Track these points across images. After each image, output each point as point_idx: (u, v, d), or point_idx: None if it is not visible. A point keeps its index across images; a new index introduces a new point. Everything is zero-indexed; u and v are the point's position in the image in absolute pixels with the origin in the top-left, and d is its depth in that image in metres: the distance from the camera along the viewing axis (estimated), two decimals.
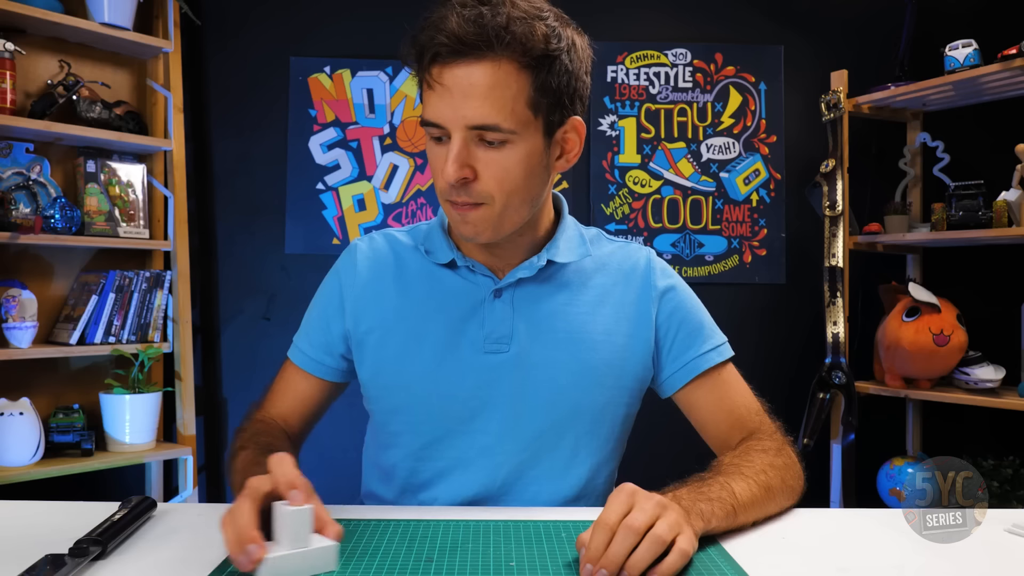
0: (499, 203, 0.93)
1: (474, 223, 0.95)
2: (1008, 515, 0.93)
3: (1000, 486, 2.18)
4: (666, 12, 2.73)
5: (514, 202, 0.94)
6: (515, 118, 0.90)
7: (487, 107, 0.88)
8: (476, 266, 1.02)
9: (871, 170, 2.63)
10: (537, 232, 1.03)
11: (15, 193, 2.20)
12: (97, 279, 2.31)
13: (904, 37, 2.42)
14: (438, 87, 0.89)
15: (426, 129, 0.94)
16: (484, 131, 0.90)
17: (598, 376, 1.02)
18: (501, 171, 0.92)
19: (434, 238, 1.06)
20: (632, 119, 2.70)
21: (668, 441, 1.86)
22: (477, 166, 0.92)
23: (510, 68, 0.88)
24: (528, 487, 1.02)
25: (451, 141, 0.91)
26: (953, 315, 2.25)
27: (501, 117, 0.89)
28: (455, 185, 0.92)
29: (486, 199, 0.93)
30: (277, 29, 2.66)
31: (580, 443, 1.03)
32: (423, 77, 0.92)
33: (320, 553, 0.72)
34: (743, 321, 2.65)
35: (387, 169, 2.67)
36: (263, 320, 2.65)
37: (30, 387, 2.25)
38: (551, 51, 0.90)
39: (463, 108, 0.88)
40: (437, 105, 0.90)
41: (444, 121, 0.90)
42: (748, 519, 0.87)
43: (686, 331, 1.05)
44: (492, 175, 0.92)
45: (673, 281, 1.08)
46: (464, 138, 0.90)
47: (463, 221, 0.95)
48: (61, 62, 2.31)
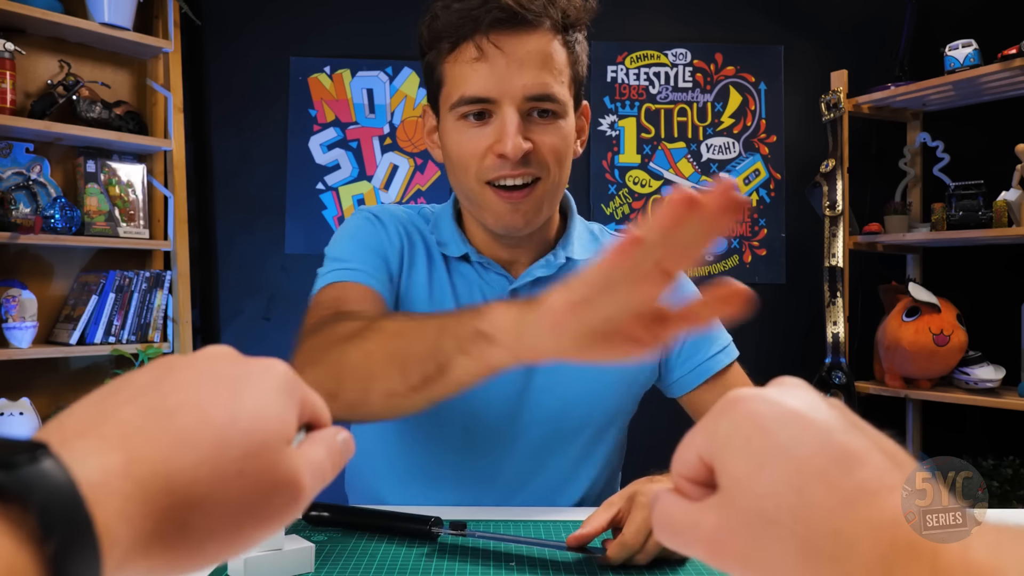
0: (553, 177, 0.90)
1: (525, 210, 0.90)
2: (1008, 515, 0.93)
3: (1000, 486, 2.18)
4: (666, 12, 2.73)
5: (563, 179, 0.92)
6: (565, 91, 0.89)
7: (545, 75, 0.86)
8: (490, 264, 0.98)
9: (871, 170, 2.62)
10: (549, 229, 1.01)
11: (15, 193, 2.20)
12: (97, 279, 2.31)
13: (904, 37, 2.42)
14: (493, 55, 0.85)
15: (460, 109, 0.88)
16: (540, 101, 0.87)
17: (611, 383, 1.01)
18: (557, 140, 0.89)
19: (445, 229, 1.00)
20: (632, 119, 2.70)
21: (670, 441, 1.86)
22: (533, 138, 0.88)
23: (558, 39, 0.88)
24: (533, 492, 1.01)
25: (501, 115, 0.86)
26: (953, 315, 2.25)
27: (557, 87, 0.87)
28: (516, 160, 0.86)
29: (543, 172, 0.89)
30: (277, 29, 2.66)
31: (593, 446, 1.02)
32: (463, 49, 0.87)
33: (296, 554, 0.71)
34: (743, 321, 2.64)
35: (387, 169, 2.67)
36: (263, 320, 2.65)
37: (30, 387, 2.24)
38: (585, 24, 0.91)
39: (521, 77, 0.85)
40: (488, 77, 0.86)
41: (497, 93, 0.86)
42: None
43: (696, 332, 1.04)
44: (549, 146, 0.89)
45: (682, 280, 1.07)
46: (519, 110, 0.86)
47: (514, 210, 0.90)
48: (61, 62, 2.31)
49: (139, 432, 0.28)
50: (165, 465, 0.28)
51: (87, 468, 0.25)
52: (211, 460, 0.28)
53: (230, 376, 0.32)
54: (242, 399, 0.31)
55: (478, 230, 0.99)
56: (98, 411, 0.29)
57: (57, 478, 0.24)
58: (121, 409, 0.29)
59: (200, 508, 0.28)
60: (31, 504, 0.23)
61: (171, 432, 0.28)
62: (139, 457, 0.27)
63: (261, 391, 0.32)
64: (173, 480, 0.27)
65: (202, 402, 0.30)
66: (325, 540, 0.81)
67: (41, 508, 0.23)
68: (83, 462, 0.25)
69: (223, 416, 0.30)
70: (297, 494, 0.31)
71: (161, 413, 0.29)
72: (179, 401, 0.30)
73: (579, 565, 0.76)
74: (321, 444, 0.34)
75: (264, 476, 0.30)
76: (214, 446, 0.29)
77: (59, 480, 0.24)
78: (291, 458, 0.31)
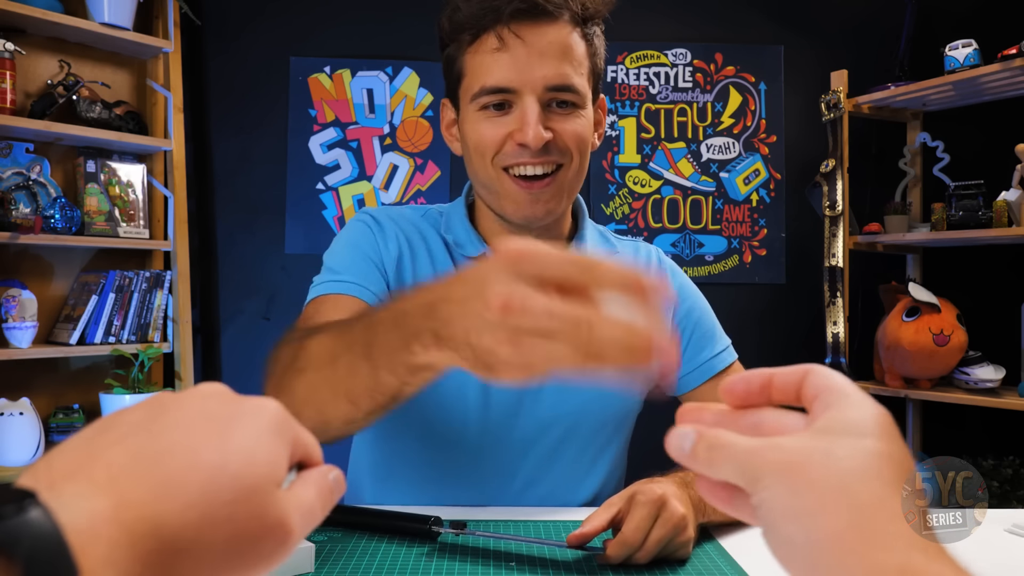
0: (575, 163, 0.92)
1: (546, 199, 0.92)
2: (1008, 515, 0.93)
3: (1000, 486, 2.18)
4: (666, 12, 2.73)
5: (583, 168, 0.94)
6: (584, 82, 0.91)
7: (565, 66, 0.88)
8: None
9: (871, 170, 2.62)
10: (562, 228, 1.03)
11: (15, 193, 2.20)
12: (97, 279, 2.30)
13: (904, 37, 2.42)
14: (514, 46, 0.87)
15: (481, 100, 0.90)
16: (560, 92, 0.89)
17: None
18: (577, 128, 0.91)
19: (458, 229, 1.00)
20: (632, 119, 2.70)
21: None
22: (554, 127, 0.90)
23: (577, 32, 0.90)
24: (544, 492, 1.01)
25: (521, 104, 0.88)
26: (953, 315, 2.25)
27: (577, 78, 0.89)
28: (538, 149, 0.88)
29: (564, 159, 0.91)
30: (277, 29, 2.66)
31: (604, 446, 1.03)
32: (484, 39, 0.89)
33: (296, 554, 0.71)
34: (743, 321, 2.65)
35: (387, 169, 2.67)
36: (263, 320, 2.65)
37: (30, 387, 2.24)
38: (599, 22, 0.93)
39: (542, 68, 0.87)
40: (509, 67, 0.87)
41: (518, 83, 0.88)
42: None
43: (700, 332, 1.06)
44: (570, 133, 0.91)
45: (683, 280, 1.09)
46: (540, 100, 0.88)
47: (534, 200, 0.92)
48: (61, 62, 2.31)
49: (127, 474, 0.28)
50: (153, 509, 0.27)
51: (74, 514, 0.25)
52: (200, 505, 0.28)
53: (221, 416, 0.32)
54: (232, 441, 0.31)
55: (494, 226, 1.00)
56: (88, 451, 0.29)
57: (44, 527, 0.24)
58: (110, 449, 0.29)
59: (187, 553, 0.28)
60: (17, 555, 0.23)
61: (159, 475, 0.28)
62: (127, 501, 0.27)
63: (252, 433, 0.32)
64: (161, 525, 0.27)
65: (192, 444, 0.30)
66: (325, 540, 0.81)
67: (27, 559, 0.23)
68: (70, 507, 0.26)
69: (213, 459, 0.30)
70: (286, 538, 0.31)
71: (150, 455, 0.29)
72: (169, 442, 0.29)
73: (579, 564, 0.76)
74: (312, 485, 0.34)
75: (253, 521, 0.30)
76: (203, 490, 0.29)
77: (46, 529, 0.24)
78: (280, 502, 0.31)
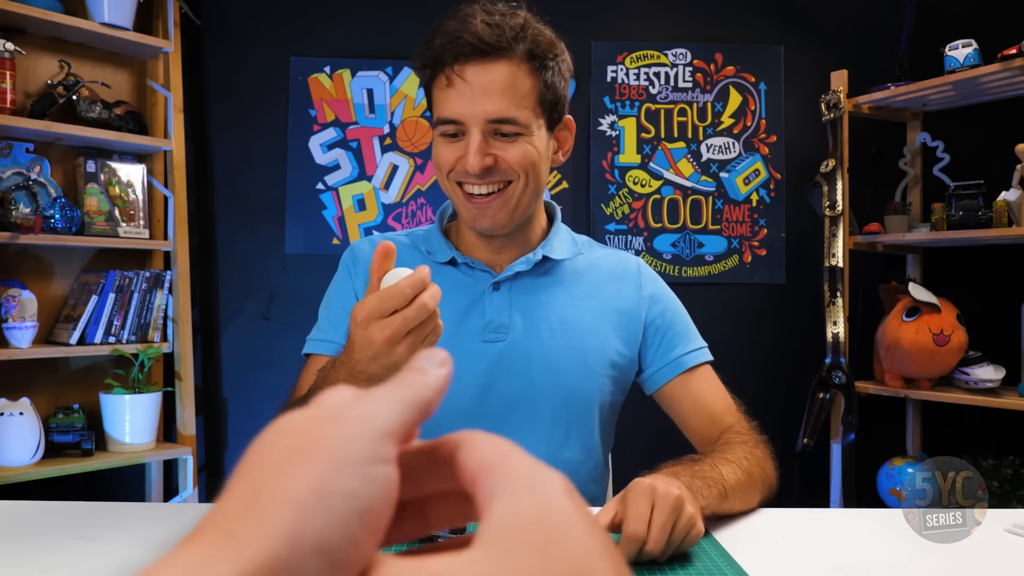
0: (522, 180, 1.02)
1: (492, 213, 1.03)
2: (1008, 515, 0.93)
3: (1000, 486, 2.18)
4: (666, 12, 2.73)
5: (531, 184, 1.03)
6: (527, 114, 1.00)
7: (505, 102, 0.98)
8: (475, 263, 1.10)
9: (871, 170, 2.62)
10: (533, 233, 1.13)
11: (15, 193, 2.20)
12: (97, 279, 2.30)
13: (904, 37, 2.42)
14: (459, 84, 0.99)
15: (440, 128, 1.03)
16: (501, 124, 0.99)
17: (588, 363, 1.09)
18: (518, 155, 1.01)
19: (433, 240, 1.14)
20: (632, 119, 2.70)
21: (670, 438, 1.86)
22: (496, 154, 1.00)
23: (524, 68, 0.99)
24: None
25: (469, 136, 1.00)
26: (953, 315, 2.25)
27: (517, 111, 0.99)
28: (479, 175, 1.00)
29: (511, 176, 1.02)
30: (277, 29, 2.66)
31: (572, 427, 1.09)
32: (440, 77, 1.01)
33: None
34: (743, 321, 2.65)
35: (387, 169, 2.67)
36: (263, 320, 2.65)
37: (30, 387, 2.24)
38: (556, 54, 1.02)
39: (483, 103, 0.98)
40: (457, 102, 0.99)
41: (464, 116, 0.99)
42: (735, 500, 0.94)
43: (673, 332, 1.14)
44: (512, 157, 1.01)
45: (662, 286, 1.18)
46: (483, 131, 0.99)
47: (481, 214, 1.04)
48: (61, 62, 2.31)
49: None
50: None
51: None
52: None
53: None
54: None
55: (469, 235, 1.13)
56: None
57: None
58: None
59: None
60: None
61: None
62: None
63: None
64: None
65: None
66: None
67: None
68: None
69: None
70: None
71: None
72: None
73: None
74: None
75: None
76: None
77: None
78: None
